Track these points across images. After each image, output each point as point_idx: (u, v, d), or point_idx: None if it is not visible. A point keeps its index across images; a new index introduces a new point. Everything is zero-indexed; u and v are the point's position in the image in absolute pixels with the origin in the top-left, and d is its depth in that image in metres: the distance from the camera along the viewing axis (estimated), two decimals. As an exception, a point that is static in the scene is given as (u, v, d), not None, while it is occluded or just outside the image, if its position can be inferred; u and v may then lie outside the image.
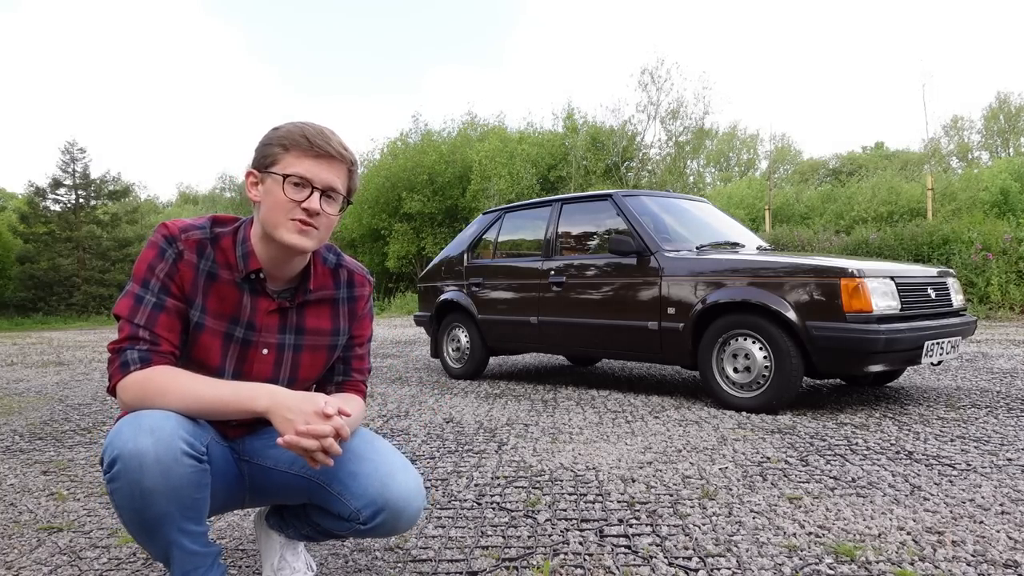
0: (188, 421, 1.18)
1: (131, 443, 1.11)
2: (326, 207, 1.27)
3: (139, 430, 1.12)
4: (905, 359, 3.36)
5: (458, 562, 1.68)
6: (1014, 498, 2.03)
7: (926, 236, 10.13)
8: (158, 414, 1.15)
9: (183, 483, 1.13)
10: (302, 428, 1.16)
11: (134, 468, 1.10)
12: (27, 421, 3.80)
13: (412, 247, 19.86)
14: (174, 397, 1.18)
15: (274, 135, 1.27)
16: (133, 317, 1.23)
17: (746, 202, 20.68)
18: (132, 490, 1.11)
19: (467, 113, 28.79)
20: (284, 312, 1.37)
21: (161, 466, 1.11)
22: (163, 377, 1.20)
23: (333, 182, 1.27)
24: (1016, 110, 33.69)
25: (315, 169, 1.25)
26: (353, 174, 1.33)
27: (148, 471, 1.10)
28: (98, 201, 21.89)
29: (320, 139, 1.25)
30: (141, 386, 1.19)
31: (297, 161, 1.25)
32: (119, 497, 1.13)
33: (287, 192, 1.24)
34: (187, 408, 1.18)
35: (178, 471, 1.12)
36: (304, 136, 1.25)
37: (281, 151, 1.26)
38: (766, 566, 1.60)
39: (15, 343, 10.95)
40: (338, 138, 1.29)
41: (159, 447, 1.11)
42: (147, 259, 1.27)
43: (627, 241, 4.05)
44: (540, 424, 3.33)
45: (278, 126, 1.29)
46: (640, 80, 18.29)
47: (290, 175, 1.24)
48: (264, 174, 1.27)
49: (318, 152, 1.25)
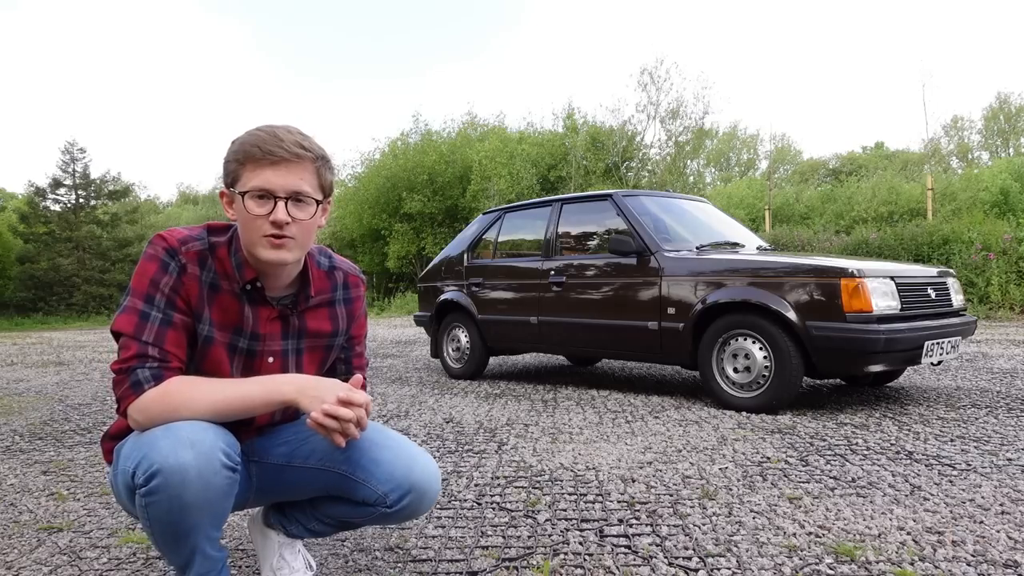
0: (223, 430, 1.17)
1: (172, 457, 1.08)
2: (296, 213, 1.22)
3: (179, 443, 1.10)
4: (905, 359, 3.36)
5: (458, 562, 1.68)
6: (1014, 498, 2.03)
7: (926, 236, 10.13)
8: (196, 425, 1.13)
9: (219, 495, 1.13)
10: (327, 408, 1.17)
11: (176, 483, 1.08)
12: (27, 421, 3.80)
13: (412, 247, 19.85)
14: (202, 404, 1.16)
15: (231, 150, 1.23)
16: (140, 334, 1.19)
17: (746, 202, 20.67)
18: (171, 504, 1.10)
19: (467, 113, 28.76)
20: (286, 319, 1.37)
21: (203, 480, 1.10)
22: (185, 386, 1.18)
23: (297, 185, 1.21)
24: (1016, 110, 33.68)
25: (273, 178, 1.19)
26: (322, 170, 1.26)
27: (191, 486, 1.09)
28: (98, 201, 21.89)
29: (272, 144, 1.18)
30: (162, 401, 1.16)
31: (255, 174, 1.19)
32: (156, 511, 1.11)
33: (249, 208, 1.20)
34: (216, 412, 1.17)
35: (216, 483, 1.12)
36: (256, 145, 1.19)
37: (237, 166, 1.21)
38: (766, 566, 1.60)
39: (15, 343, 10.95)
40: (294, 136, 1.22)
41: (200, 460, 1.10)
42: (149, 273, 1.22)
43: (627, 241, 4.05)
44: (540, 424, 3.33)
45: (236, 138, 1.23)
46: (640, 80, 18.30)
47: (248, 190, 1.19)
48: (231, 193, 1.23)
49: (273, 159, 1.19)
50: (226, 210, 1.28)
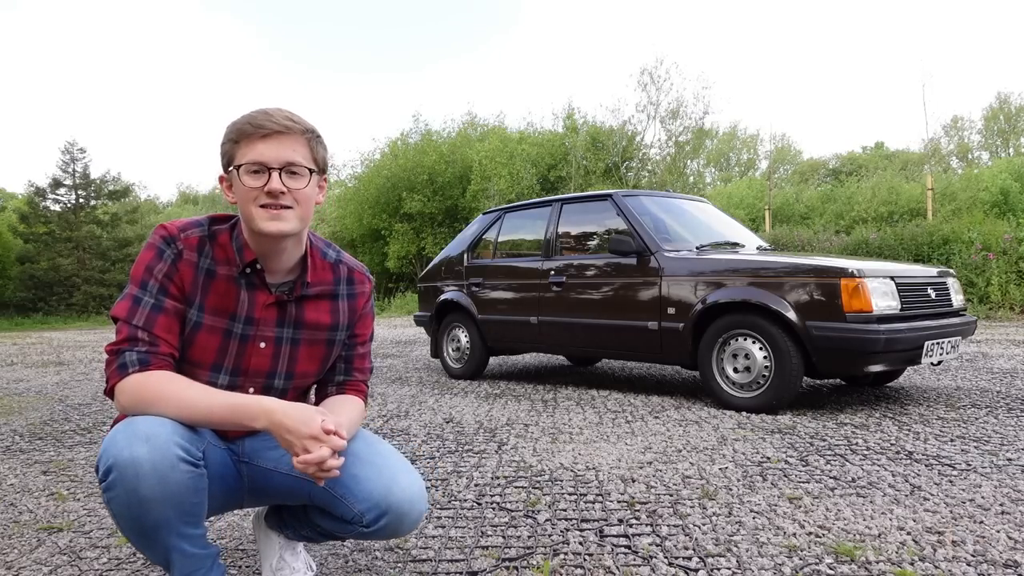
0: (183, 427, 1.17)
1: (126, 451, 1.10)
2: (291, 183, 1.25)
3: (134, 437, 1.11)
4: (905, 359, 3.36)
5: (458, 562, 1.68)
6: (1014, 498, 2.03)
7: (926, 236, 10.13)
8: (153, 420, 1.15)
9: (180, 489, 1.13)
10: (299, 459, 1.15)
11: (130, 477, 1.09)
12: (27, 421, 3.80)
13: (412, 247, 19.85)
14: (169, 406, 1.17)
15: (225, 132, 1.27)
16: (131, 318, 1.23)
17: (746, 202, 20.67)
18: (129, 498, 1.11)
19: (467, 113, 28.77)
20: (283, 306, 1.37)
21: (157, 474, 1.10)
22: (159, 384, 1.19)
23: (289, 156, 1.24)
24: (1016, 110, 33.68)
25: (265, 150, 1.23)
26: (313, 142, 1.29)
27: (144, 479, 1.10)
28: (98, 201, 21.88)
29: (263, 118, 1.24)
30: (137, 391, 1.18)
31: (249, 149, 1.24)
32: (116, 505, 1.13)
33: (245, 181, 1.24)
34: (181, 417, 1.18)
35: (175, 478, 1.12)
36: (248, 122, 1.24)
37: (233, 145, 1.26)
38: (766, 566, 1.60)
39: (15, 343, 10.95)
40: (284, 112, 1.27)
41: (155, 455, 1.10)
42: (144, 261, 1.26)
43: (627, 241, 4.05)
44: (540, 424, 3.33)
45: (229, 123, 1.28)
46: (640, 80, 18.27)
47: (243, 164, 1.23)
48: (229, 174, 1.27)
49: (264, 132, 1.23)
50: (226, 195, 1.30)
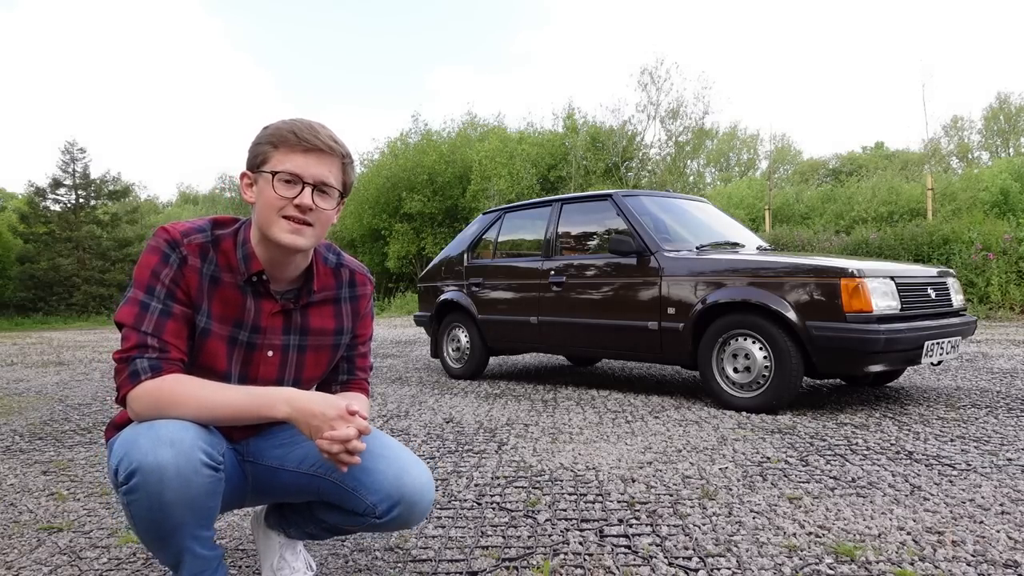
0: (205, 430, 1.18)
1: (151, 456, 1.09)
2: (319, 202, 1.25)
3: (158, 442, 1.11)
4: (905, 359, 3.36)
5: (458, 562, 1.68)
6: (1014, 498, 2.03)
7: (926, 236, 10.13)
8: (176, 424, 1.14)
9: (201, 493, 1.13)
10: (327, 434, 1.16)
11: (154, 482, 1.09)
12: (27, 421, 3.80)
13: (412, 247, 19.85)
14: (189, 407, 1.17)
15: (264, 134, 1.26)
16: (140, 324, 1.20)
17: (746, 202, 20.67)
18: (151, 502, 1.11)
19: (467, 113, 28.80)
20: (288, 314, 1.37)
21: (182, 479, 1.10)
22: (176, 386, 1.18)
23: (325, 176, 1.25)
24: (1016, 110, 33.68)
25: (305, 164, 1.23)
26: (347, 168, 1.30)
27: (169, 484, 1.10)
28: (98, 201, 21.88)
29: (308, 133, 1.23)
30: (154, 396, 1.17)
31: (287, 157, 1.23)
32: (137, 509, 1.12)
33: (277, 189, 1.23)
34: (202, 418, 1.17)
35: (198, 482, 1.12)
36: (292, 132, 1.23)
37: (270, 149, 1.24)
38: (766, 566, 1.60)
39: (15, 343, 10.95)
40: (328, 131, 1.27)
41: (179, 459, 1.10)
42: (150, 264, 1.24)
43: (627, 241, 4.05)
44: (540, 424, 3.33)
45: (268, 125, 1.28)
46: (640, 80, 18.26)
47: (279, 172, 1.23)
48: (256, 174, 1.26)
49: (307, 147, 1.23)
50: (244, 192, 1.29)
